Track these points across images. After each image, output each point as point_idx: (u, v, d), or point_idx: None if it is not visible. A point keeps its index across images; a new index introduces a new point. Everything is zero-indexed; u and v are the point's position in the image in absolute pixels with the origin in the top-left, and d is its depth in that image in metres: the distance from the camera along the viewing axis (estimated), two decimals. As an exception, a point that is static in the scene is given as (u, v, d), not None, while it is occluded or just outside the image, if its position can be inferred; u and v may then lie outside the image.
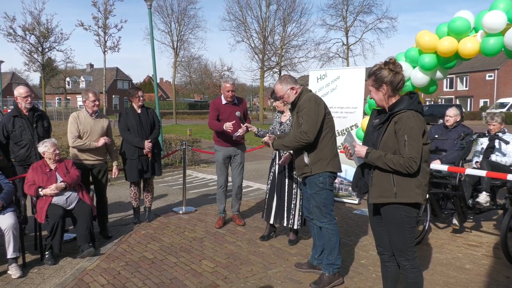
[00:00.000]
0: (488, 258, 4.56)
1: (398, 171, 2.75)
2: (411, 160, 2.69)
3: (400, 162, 2.72)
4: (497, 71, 45.53)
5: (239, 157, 5.58)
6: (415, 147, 2.70)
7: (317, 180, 3.78)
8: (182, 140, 11.01)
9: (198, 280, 3.95)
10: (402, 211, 2.84)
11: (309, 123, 3.63)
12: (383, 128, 2.86)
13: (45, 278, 4.07)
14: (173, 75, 38.66)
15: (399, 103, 2.82)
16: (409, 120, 2.72)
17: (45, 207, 4.40)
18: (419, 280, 2.98)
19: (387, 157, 2.76)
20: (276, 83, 4.01)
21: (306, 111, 3.67)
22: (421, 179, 2.80)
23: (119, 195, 7.85)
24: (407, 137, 2.71)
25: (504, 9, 4.26)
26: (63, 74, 49.65)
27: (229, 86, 5.34)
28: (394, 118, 2.79)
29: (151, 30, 11.35)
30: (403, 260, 2.96)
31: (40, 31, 33.30)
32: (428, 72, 4.93)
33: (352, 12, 39.04)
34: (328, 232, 3.84)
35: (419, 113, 2.78)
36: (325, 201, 3.81)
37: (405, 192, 2.78)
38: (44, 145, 4.60)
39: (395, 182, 2.79)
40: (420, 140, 2.72)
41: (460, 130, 5.57)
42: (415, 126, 2.71)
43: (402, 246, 2.93)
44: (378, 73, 2.85)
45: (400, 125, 2.74)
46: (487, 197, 5.10)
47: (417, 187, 2.79)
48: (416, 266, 2.97)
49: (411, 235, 2.92)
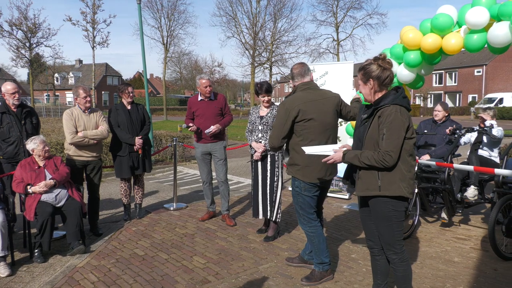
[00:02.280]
0: (476, 251, 4.62)
1: (375, 166, 2.79)
2: (385, 154, 2.73)
3: (374, 158, 2.78)
4: (485, 67, 46.00)
5: (218, 153, 5.55)
6: (392, 142, 2.74)
7: (293, 183, 3.79)
8: (172, 136, 10.98)
9: (189, 276, 3.95)
10: (389, 205, 2.87)
11: (275, 130, 3.65)
12: (368, 122, 2.90)
13: (34, 276, 4.04)
14: (163, 71, 38.40)
15: (384, 98, 2.87)
16: (390, 114, 2.76)
17: (34, 204, 4.36)
18: (407, 273, 3.02)
19: (362, 155, 2.83)
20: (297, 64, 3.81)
21: (276, 116, 3.73)
22: (406, 172, 2.83)
23: (110, 192, 7.80)
24: (386, 131, 2.75)
25: (486, 5, 4.30)
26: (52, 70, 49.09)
27: (205, 82, 5.37)
28: (377, 112, 2.84)
29: (140, 25, 11.26)
30: (392, 254, 3.00)
31: (28, 26, 32.81)
32: (414, 69, 4.97)
33: (343, 8, 39.14)
34: (308, 234, 3.83)
35: (404, 108, 2.81)
36: (301, 205, 3.77)
37: (389, 185, 2.83)
38: (33, 142, 4.55)
39: (379, 175, 2.84)
40: (400, 135, 2.75)
41: (449, 125, 5.62)
42: (395, 121, 2.74)
43: (390, 240, 2.96)
44: (367, 68, 2.89)
45: (382, 119, 2.79)
46: (475, 191, 5.17)
47: (401, 180, 2.82)
48: (405, 260, 3.00)
49: (399, 229, 2.96)
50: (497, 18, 4.22)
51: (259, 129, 4.92)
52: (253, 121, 5.00)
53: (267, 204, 4.90)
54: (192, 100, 5.62)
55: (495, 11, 4.22)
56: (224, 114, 5.58)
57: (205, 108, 5.45)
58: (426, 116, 39.03)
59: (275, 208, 4.88)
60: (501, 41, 4.19)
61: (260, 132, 4.90)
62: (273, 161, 4.87)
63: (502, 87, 45.21)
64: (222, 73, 45.90)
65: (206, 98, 5.49)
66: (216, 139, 5.53)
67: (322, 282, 3.78)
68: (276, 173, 4.87)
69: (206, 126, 5.37)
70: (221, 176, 5.58)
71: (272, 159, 4.87)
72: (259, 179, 4.94)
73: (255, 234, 5.16)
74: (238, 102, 72.66)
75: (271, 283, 3.79)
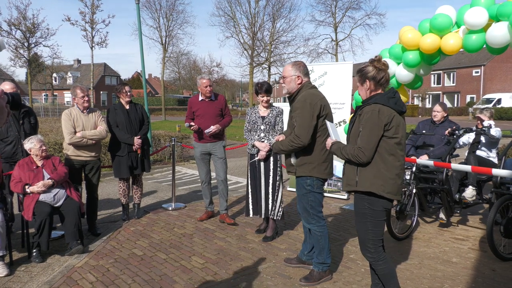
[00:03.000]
0: (475, 252, 4.63)
1: (351, 161, 2.92)
2: (359, 150, 2.85)
3: (350, 152, 2.91)
4: (483, 67, 46.09)
5: (217, 152, 5.55)
6: (365, 138, 2.84)
7: (304, 182, 3.74)
8: (171, 136, 10.98)
9: (188, 277, 3.95)
10: (365, 201, 2.95)
11: (302, 126, 3.52)
12: (352, 121, 3.03)
13: (32, 276, 4.03)
14: (162, 71, 38.43)
15: (372, 98, 2.94)
16: (367, 112, 2.86)
17: (32, 204, 4.35)
18: (387, 272, 3.03)
19: (344, 149, 2.98)
20: (288, 64, 3.85)
21: (299, 112, 3.55)
22: (384, 171, 2.87)
23: (108, 191, 7.79)
24: (362, 128, 2.87)
25: (485, 5, 4.30)
26: (50, 70, 49.06)
27: (206, 82, 5.37)
28: (359, 111, 2.95)
29: (139, 25, 11.25)
30: (366, 252, 3.03)
31: (26, 26, 32.84)
32: (412, 69, 4.97)
33: (341, 8, 39.23)
34: (315, 233, 3.82)
35: (385, 106, 2.84)
36: (312, 204, 3.76)
37: (363, 181, 2.91)
38: (30, 141, 4.54)
39: (357, 171, 2.95)
40: (373, 133, 2.82)
41: (447, 126, 5.63)
42: (370, 119, 2.83)
43: (363, 237, 3.01)
44: (363, 70, 2.98)
45: (361, 117, 2.91)
46: (473, 192, 5.17)
47: (376, 177, 2.87)
48: (380, 259, 3.01)
49: (374, 229, 2.96)
50: (496, 18, 4.23)
51: (261, 129, 4.92)
52: (254, 121, 4.99)
53: (269, 203, 4.90)
54: (193, 100, 5.63)
55: (494, 11, 4.22)
56: (224, 114, 5.59)
57: (206, 108, 5.46)
58: (425, 116, 39.09)
59: (276, 206, 4.88)
60: (499, 42, 4.19)
61: (263, 132, 4.90)
62: (276, 160, 4.89)
63: (500, 88, 45.30)
64: (221, 73, 45.98)
65: (207, 98, 5.50)
66: (216, 139, 5.53)
67: (320, 282, 3.78)
68: (278, 173, 4.90)
69: (206, 126, 5.38)
70: (221, 174, 5.58)
71: (274, 158, 4.88)
72: (262, 179, 4.93)
73: (253, 234, 5.16)
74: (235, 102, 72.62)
75: (270, 283, 3.79)
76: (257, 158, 4.91)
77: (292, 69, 3.74)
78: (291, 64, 3.80)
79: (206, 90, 5.40)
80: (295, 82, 3.73)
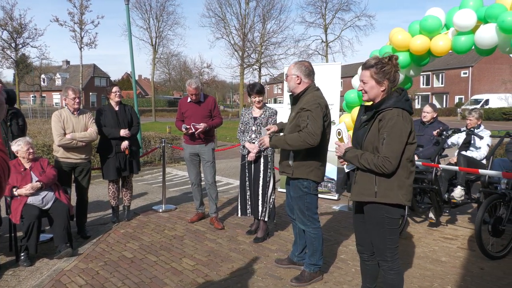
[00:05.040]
0: (463, 251, 4.67)
1: (373, 170, 2.68)
2: (385, 159, 2.61)
3: (374, 162, 2.65)
4: (471, 68, 46.63)
5: (205, 155, 5.52)
6: (392, 147, 2.61)
7: (301, 184, 3.72)
8: (161, 138, 10.89)
9: (179, 279, 3.92)
10: (383, 211, 2.76)
11: (317, 125, 3.49)
12: (368, 125, 2.78)
13: (20, 280, 3.98)
14: (152, 72, 38.23)
15: (387, 100, 2.72)
16: (392, 118, 2.63)
17: (20, 207, 4.30)
18: (396, 283, 2.89)
19: (363, 157, 2.71)
20: (293, 62, 3.88)
21: (314, 113, 3.50)
22: (405, 179, 2.72)
23: (97, 194, 7.72)
24: (386, 136, 2.63)
25: (473, 7, 4.36)
26: (38, 71, 48.40)
27: (192, 90, 5.29)
28: (379, 115, 2.70)
29: (128, 26, 11.18)
30: (382, 261, 2.90)
31: (13, 26, 32.40)
32: (402, 70, 5.02)
33: (331, 10, 39.39)
34: (310, 235, 3.82)
35: (406, 111, 2.68)
36: (308, 205, 3.77)
37: (386, 192, 2.71)
38: (17, 143, 4.48)
39: (376, 181, 2.72)
40: (401, 140, 2.63)
41: (437, 126, 5.68)
42: (396, 125, 2.62)
43: (381, 246, 2.86)
44: (382, 67, 2.72)
45: (383, 123, 2.66)
46: (461, 191, 5.23)
47: (399, 187, 2.70)
48: (395, 268, 2.88)
49: (392, 237, 2.83)
50: (484, 20, 4.29)
51: (252, 130, 4.92)
52: (246, 122, 4.99)
53: (259, 205, 4.90)
54: (182, 101, 5.64)
55: (482, 13, 4.28)
56: (213, 116, 5.56)
57: (194, 109, 5.44)
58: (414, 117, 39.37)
59: (267, 208, 4.87)
60: (487, 43, 4.25)
61: (254, 133, 4.90)
62: (266, 162, 4.87)
63: (488, 89, 45.87)
64: (211, 74, 45.91)
65: (194, 100, 5.48)
66: (204, 140, 5.50)
67: (311, 283, 3.79)
68: (268, 174, 4.88)
69: (194, 128, 5.34)
70: (208, 178, 5.55)
71: (265, 160, 4.87)
72: (251, 180, 4.93)
73: (244, 235, 5.16)
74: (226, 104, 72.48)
75: (261, 284, 3.78)
76: (247, 159, 4.91)
77: (293, 68, 3.76)
78: (294, 63, 3.82)
79: (192, 98, 5.40)
80: (294, 82, 3.73)
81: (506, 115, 33.47)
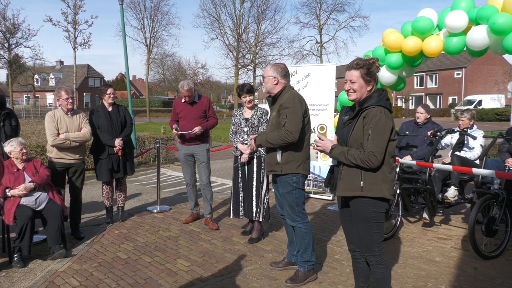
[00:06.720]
0: (457, 251, 4.70)
1: (360, 166, 2.79)
2: (371, 154, 2.73)
3: (360, 157, 2.77)
4: (464, 69, 46.98)
5: (200, 155, 5.52)
6: (377, 142, 2.74)
7: (290, 179, 3.79)
8: (156, 138, 10.88)
9: (173, 279, 3.92)
10: (371, 206, 2.86)
11: (294, 122, 3.62)
12: (352, 123, 2.91)
13: (13, 281, 3.95)
14: (146, 72, 38.14)
15: (368, 99, 2.87)
16: (375, 115, 2.77)
17: (13, 208, 4.27)
18: (385, 276, 3.01)
19: (349, 153, 2.82)
20: (269, 65, 4.04)
21: (291, 110, 3.65)
22: (388, 174, 2.85)
23: (92, 194, 7.69)
24: (371, 132, 2.76)
25: (465, 9, 4.39)
26: (31, 71, 48.10)
27: (185, 92, 5.33)
28: (362, 113, 2.84)
29: (123, 26, 11.15)
30: (370, 256, 2.99)
31: (6, 26, 32.19)
32: (395, 71, 5.04)
33: (326, 10, 39.54)
34: (301, 231, 3.86)
35: (387, 110, 2.83)
36: (297, 200, 3.83)
37: (371, 186, 2.82)
38: (10, 144, 4.45)
39: (362, 176, 2.83)
40: (384, 136, 2.77)
41: (430, 127, 5.71)
42: (380, 121, 2.76)
43: (368, 241, 2.95)
44: (371, 68, 2.87)
45: (367, 120, 2.79)
46: (455, 192, 5.26)
47: (383, 181, 2.83)
48: (383, 262, 2.99)
49: (378, 231, 2.94)
50: (476, 21, 4.31)
51: (244, 131, 4.92)
52: (238, 123, 4.99)
53: (253, 206, 4.90)
54: (176, 102, 5.64)
55: (473, 14, 4.31)
56: (208, 117, 5.55)
57: (188, 110, 5.43)
58: (408, 117, 39.63)
59: (261, 208, 4.88)
60: (479, 44, 4.28)
61: (246, 134, 4.90)
62: (259, 162, 4.87)
63: (481, 89, 46.23)
64: (206, 75, 45.83)
65: (187, 101, 5.48)
66: (199, 141, 5.49)
67: (306, 283, 3.80)
68: (262, 175, 4.88)
69: (188, 128, 5.35)
70: (203, 179, 5.55)
71: (258, 161, 4.87)
72: (245, 181, 4.94)
73: (239, 236, 5.16)
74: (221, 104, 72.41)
75: (256, 285, 3.79)
76: (240, 161, 4.91)
77: (270, 69, 3.90)
78: (271, 65, 3.97)
79: (186, 99, 5.40)
80: (271, 83, 3.86)
81: (499, 116, 33.73)
